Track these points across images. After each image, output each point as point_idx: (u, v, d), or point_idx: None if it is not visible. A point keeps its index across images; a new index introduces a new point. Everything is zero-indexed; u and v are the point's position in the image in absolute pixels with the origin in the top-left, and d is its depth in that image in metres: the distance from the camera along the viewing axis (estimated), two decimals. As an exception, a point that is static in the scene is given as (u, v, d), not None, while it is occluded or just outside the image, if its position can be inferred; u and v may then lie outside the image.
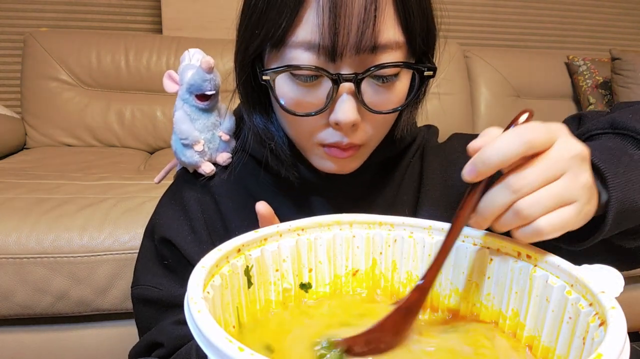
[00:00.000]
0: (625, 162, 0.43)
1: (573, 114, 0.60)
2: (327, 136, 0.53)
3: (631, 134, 0.46)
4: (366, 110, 0.51)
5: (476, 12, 2.58)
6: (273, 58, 0.51)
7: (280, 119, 0.57)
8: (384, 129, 0.57)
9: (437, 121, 0.71)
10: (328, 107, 0.50)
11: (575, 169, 0.37)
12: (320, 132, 0.53)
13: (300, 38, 0.48)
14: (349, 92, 0.50)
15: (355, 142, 0.53)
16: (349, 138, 0.52)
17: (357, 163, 0.58)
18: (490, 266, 0.42)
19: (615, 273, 0.36)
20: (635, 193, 0.42)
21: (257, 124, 0.58)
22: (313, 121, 0.52)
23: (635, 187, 0.42)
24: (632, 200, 0.42)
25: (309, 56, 0.48)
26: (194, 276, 0.34)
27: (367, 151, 0.58)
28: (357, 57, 0.48)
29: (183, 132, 0.61)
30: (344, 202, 0.61)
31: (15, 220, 1.12)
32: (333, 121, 0.51)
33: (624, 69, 2.21)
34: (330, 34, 0.47)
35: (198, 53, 0.63)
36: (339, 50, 0.47)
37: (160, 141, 1.91)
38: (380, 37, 0.48)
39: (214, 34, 1.96)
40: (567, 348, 0.36)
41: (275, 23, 0.48)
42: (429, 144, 0.67)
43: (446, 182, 0.64)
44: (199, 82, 0.59)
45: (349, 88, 0.49)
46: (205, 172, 0.63)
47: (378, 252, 0.46)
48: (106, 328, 1.21)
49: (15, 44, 2.07)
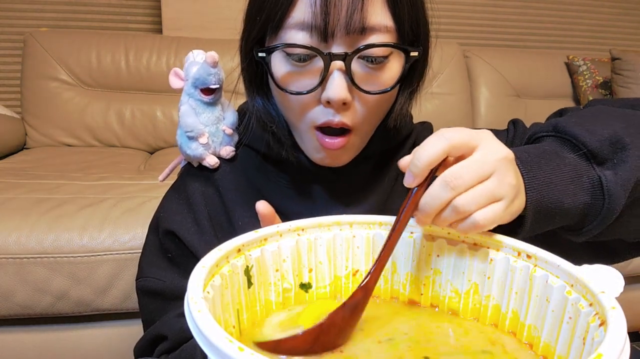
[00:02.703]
0: (553, 165, 0.46)
1: (556, 110, 0.62)
2: (319, 115, 0.55)
3: (569, 138, 0.49)
4: (356, 89, 0.53)
5: (476, 12, 2.58)
6: (271, 41, 0.55)
7: (277, 101, 0.60)
8: (374, 115, 0.58)
9: (437, 121, 0.72)
10: (320, 85, 0.53)
11: (502, 169, 0.41)
12: (311, 110, 0.55)
13: (295, 19, 0.52)
14: (339, 70, 0.52)
15: (346, 122, 0.55)
16: (340, 116, 0.54)
17: (348, 156, 0.59)
18: (491, 266, 0.42)
19: (615, 273, 0.36)
20: (558, 194, 0.46)
21: (257, 106, 0.61)
22: (306, 99, 0.54)
23: (558, 188, 0.46)
24: (553, 200, 0.45)
25: (302, 36, 0.52)
26: (194, 276, 0.34)
27: (357, 140, 0.58)
28: (347, 38, 0.52)
29: (188, 125, 0.63)
30: (345, 192, 0.63)
31: (15, 220, 1.12)
32: (324, 98, 0.53)
33: (624, 69, 2.21)
34: (322, 14, 0.50)
35: (202, 54, 0.65)
36: (330, 29, 0.51)
37: (160, 141, 1.91)
38: (368, 19, 0.51)
39: (214, 34, 1.96)
40: (567, 348, 0.36)
41: (274, 7, 0.53)
42: (422, 137, 0.69)
43: None
44: (204, 76, 0.62)
45: (339, 66, 0.52)
46: (209, 164, 0.64)
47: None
48: (106, 328, 1.21)
49: (15, 44, 2.07)
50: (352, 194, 0.63)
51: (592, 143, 0.48)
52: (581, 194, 0.47)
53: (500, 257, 0.42)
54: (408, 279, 0.46)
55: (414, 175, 0.41)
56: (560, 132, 0.50)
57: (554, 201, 0.45)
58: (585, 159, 0.48)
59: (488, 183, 0.40)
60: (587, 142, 0.48)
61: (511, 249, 0.41)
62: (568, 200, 0.46)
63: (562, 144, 0.49)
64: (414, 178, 0.41)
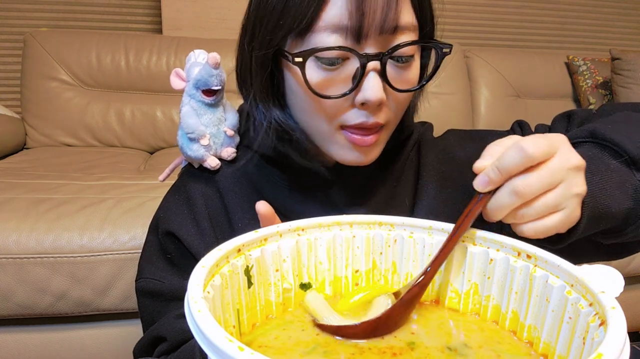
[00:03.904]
0: (602, 171, 0.48)
1: (562, 112, 0.63)
2: (352, 117, 0.54)
3: (609, 145, 0.50)
4: (390, 88, 0.53)
5: (476, 12, 2.58)
6: (296, 46, 0.53)
7: (299, 110, 0.58)
8: (402, 111, 0.59)
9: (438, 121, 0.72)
10: (356, 87, 0.52)
11: (571, 179, 0.42)
12: (344, 114, 0.55)
13: (327, 22, 0.50)
14: (374, 70, 0.52)
15: (379, 121, 0.55)
16: (374, 117, 0.54)
17: (377, 151, 0.59)
18: (490, 266, 0.42)
19: (616, 272, 0.36)
20: (608, 199, 0.47)
21: (275, 117, 0.59)
22: (338, 103, 0.54)
23: (608, 193, 0.47)
24: (604, 206, 0.46)
25: (335, 38, 0.51)
26: (194, 276, 0.34)
27: (386, 135, 0.59)
28: (380, 38, 0.51)
29: (190, 126, 0.63)
30: (346, 193, 0.63)
31: (15, 220, 1.12)
32: (361, 99, 0.52)
33: (624, 69, 2.21)
34: (358, 15, 0.50)
35: (203, 53, 0.65)
36: (365, 30, 0.50)
37: (160, 141, 1.91)
38: (401, 18, 0.52)
39: (214, 34, 1.96)
40: (567, 348, 0.36)
41: (300, 10, 0.51)
42: (424, 138, 0.70)
43: (443, 174, 0.66)
44: (206, 77, 0.61)
45: (374, 66, 0.52)
46: (210, 166, 0.64)
47: (378, 253, 0.47)
48: (106, 328, 1.21)
49: (15, 44, 2.07)
50: (353, 195, 0.63)
51: (634, 150, 0.49)
52: (625, 200, 0.48)
53: (500, 257, 0.42)
54: (408, 279, 0.46)
55: (490, 181, 0.42)
56: (598, 139, 0.51)
57: (604, 206, 0.47)
58: (626, 165, 0.50)
59: (553, 194, 0.41)
60: (629, 149, 0.49)
61: (511, 249, 0.41)
62: (615, 205, 0.47)
63: (602, 151, 0.51)
64: (488, 183, 0.42)
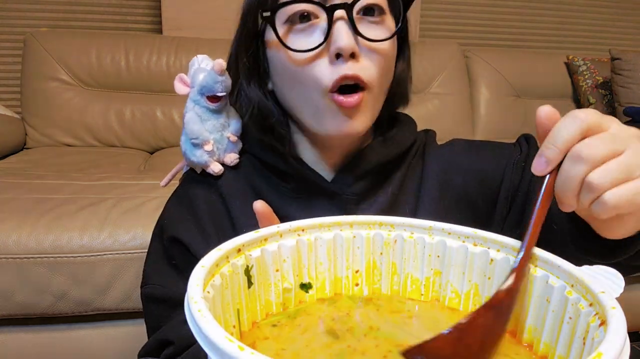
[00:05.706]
0: None
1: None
2: (332, 72, 0.56)
3: None
4: (361, 39, 0.55)
5: (476, 12, 2.58)
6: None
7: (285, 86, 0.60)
8: (383, 71, 0.59)
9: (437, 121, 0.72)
10: (326, 40, 0.55)
11: (637, 146, 0.37)
12: (322, 72, 0.56)
13: None
14: (342, 19, 0.55)
15: (359, 75, 0.55)
16: (352, 69, 0.55)
17: (364, 118, 0.59)
18: (491, 267, 0.42)
19: (615, 273, 0.36)
20: None
21: (253, 96, 0.62)
22: (314, 59, 0.56)
23: None
24: None
25: None
26: (194, 276, 0.34)
27: (371, 99, 0.59)
28: None
29: (194, 132, 0.63)
30: (348, 202, 0.62)
31: (15, 220, 1.12)
32: (334, 49, 0.55)
33: (624, 69, 2.21)
34: None
35: (207, 59, 0.65)
36: None
37: (160, 141, 1.91)
38: None
39: (214, 34, 1.96)
40: (567, 348, 0.36)
41: None
42: (428, 145, 0.69)
43: (446, 182, 0.65)
44: (211, 83, 0.62)
45: (342, 16, 0.55)
46: (213, 171, 0.64)
47: (378, 253, 0.46)
48: (106, 328, 1.21)
49: (15, 44, 2.07)
50: (355, 203, 0.63)
51: None
52: None
53: (501, 257, 0.42)
54: (408, 279, 0.46)
55: (547, 160, 0.38)
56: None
57: None
58: None
59: (623, 157, 0.37)
60: None
61: (511, 249, 0.41)
62: None
63: None
64: (547, 164, 0.38)
